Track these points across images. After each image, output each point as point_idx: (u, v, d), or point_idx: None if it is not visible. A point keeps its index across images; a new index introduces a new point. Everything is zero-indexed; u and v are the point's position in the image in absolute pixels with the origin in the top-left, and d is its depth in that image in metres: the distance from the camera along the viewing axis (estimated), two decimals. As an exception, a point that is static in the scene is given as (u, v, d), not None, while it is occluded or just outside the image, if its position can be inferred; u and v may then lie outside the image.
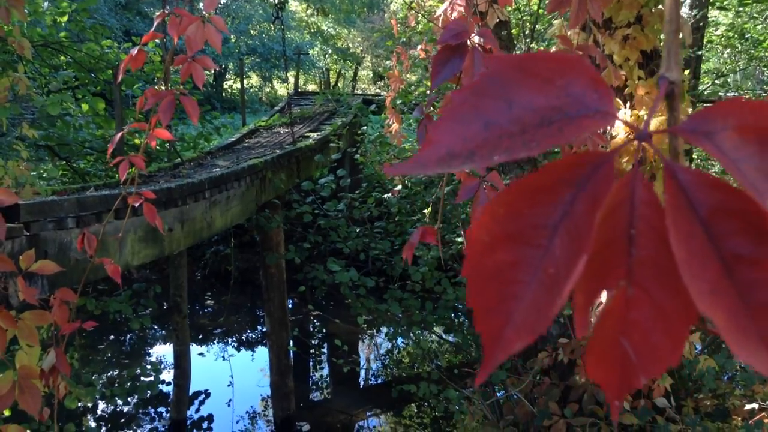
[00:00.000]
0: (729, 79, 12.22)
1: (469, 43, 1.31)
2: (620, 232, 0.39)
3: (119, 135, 1.98)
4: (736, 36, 11.28)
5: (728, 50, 12.10)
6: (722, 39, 11.49)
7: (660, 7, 3.34)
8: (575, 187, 0.38)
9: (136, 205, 2.12)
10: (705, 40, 9.85)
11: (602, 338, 0.40)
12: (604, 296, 0.40)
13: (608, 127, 3.10)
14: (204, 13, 1.82)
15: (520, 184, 0.39)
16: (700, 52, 8.81)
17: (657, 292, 0.38)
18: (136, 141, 8.79)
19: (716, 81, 11.61)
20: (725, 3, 9.91)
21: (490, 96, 0.41)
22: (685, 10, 8.01)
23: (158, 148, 9.24)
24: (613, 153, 0.40)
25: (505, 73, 0.42)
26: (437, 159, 0.40)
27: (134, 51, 1.82)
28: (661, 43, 3.51)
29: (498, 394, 5.20)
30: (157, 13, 1.84)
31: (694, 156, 7.74)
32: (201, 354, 10.06)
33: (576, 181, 0.39)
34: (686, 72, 3.93)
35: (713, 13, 11.12)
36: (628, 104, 3.35)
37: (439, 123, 0.41)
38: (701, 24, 8.50)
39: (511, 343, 0.38)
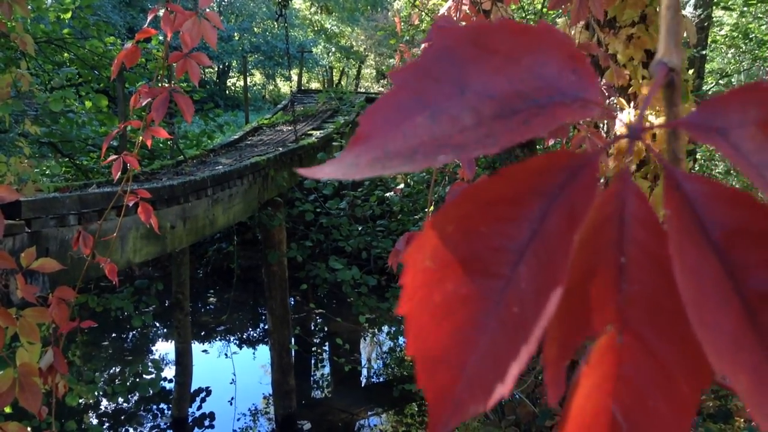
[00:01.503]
0: (733, 80, 12.18)
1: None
2: (607, 260, 0.30)
3: (113, 133, 1.97)
4: (740, 36, 11.25)
5: (732, 50, 12.07)
6: (726, 39, 11.46)
7: (664, 6, 3.32)
8: (547, 197, 0.30)
9: (130, 204, 2.11)
10: (709, 40, 9.83)
11: (584, 402, 0.30)
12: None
13: (613, 126, 3.08)
14: (206, 9, 1.81)
15: (475, 193, 0.30)
16: (704, 52, 8.80)
17: (656, 341, 0.29)
18: (139, 138, 8.78)
19: (720, 81, 11.58)
20: (729, 3, 9.88)
21: (437, 78, 0.32)
22: (689, 10, 7.98)
23: (161, 145, 9.24)
24: (597, 153, 0.31)
25: (456, 49, 0.33)
26: (372, 159, 0.30)
27: (128, 46, 1.81)
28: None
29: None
30: (153, 9, 1.83)
31: (698, 156, 7.72)
32: (204, 351, 10.06)
33: (548, 191, 0.30)
34: (690, 72, 3.91)
35: (717, 13, 11.09)
36: (632, 104, 3.34)
37: (373, 112, 0.32)
38: (705, 24, 8.48)
39: (463, 405, 0.29)
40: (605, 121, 3.00)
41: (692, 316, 0.27)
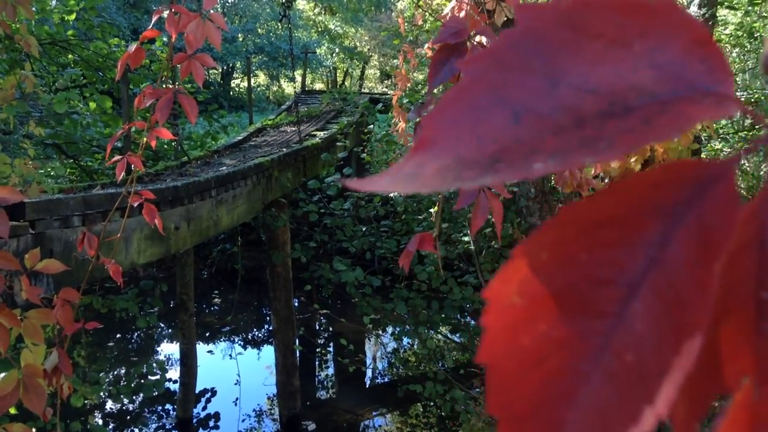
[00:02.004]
0: (738, 79, 12.15)
1: (468, 42, 1.28)
2: (744, 296, 0.24)
3: (118, 134, 1.97)
4: (745, 35, 11.22)
5: (737, 49, 12.03)
6: (731, 38, 11.43)
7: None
8: (669, 218, 0.24)
9: (135, 204, 2.11)
10: (714, 39, 9.78)
11: None
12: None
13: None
14: (210, 10, 1.81)
15: (579, 213, 0.25)
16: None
17: None
18: (143, 140, 8.78)
19: (725, 80, 11.50)
20: (734, 2, 9.85)
21: (521, 69, 0.26)
22: (694, 9, 7.97)
23: (165, 146, 9.25)
24: (733, 162, 0.25)
25: (545, 32, 0.26)
26: (439, 169, 0.24)
27: (132, 47, 1.81)
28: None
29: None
30: (157, 10, 1.83)
31: (703, 155, 7.69)
32: (210, 352, 10.08)
33: (671, 209, 0.24)
34: None
35: (722, 12, 11.07)
36: None
37: (440, 112, 0.26)
38: (710, 23, 8.46)
39: None
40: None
41: None
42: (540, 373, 0.24)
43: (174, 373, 8.73)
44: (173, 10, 1.76)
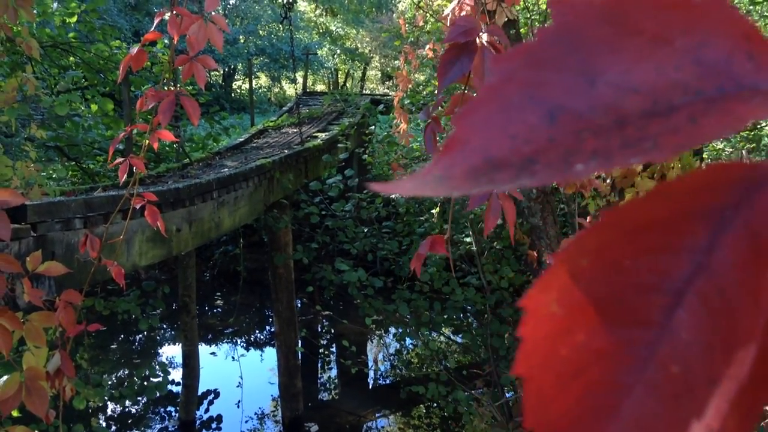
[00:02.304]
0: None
1: (478, 41, 1.27)
2: None
3: (120, 136, 1.97)
4: None
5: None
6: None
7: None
8: (718, 220, 0.23)
9: (138, 206, 2.11)
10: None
11: None
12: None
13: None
14: (212, 12, 1.81)
15: (621, 217, 0.24)
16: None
17: None
18: (145, 142, 8.79)
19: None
20: (735, 2, 9.84)
21: (556, 67, 0.25)
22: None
23: (167, 148, 9.26)
24: None
25: (583, 28, 0.25)
26: (469, 170, 0.23)
27: (134, 50, 1.81)
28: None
29: (507, 395, 5.17)
30: (159, 12, 1.83)
31: (705, 156, 7.68)
32: (213, 353, 10.08)
33: (719, 211, 0.23)
34: None
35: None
36: None
37: (471, 111, 0.25)
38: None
39: None
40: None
41: None
42: (579, 385, 0.23)
43: (176, 375, 8.74)
44: (175, 12, 1.76)
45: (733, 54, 0.24)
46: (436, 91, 9.64)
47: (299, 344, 7.94)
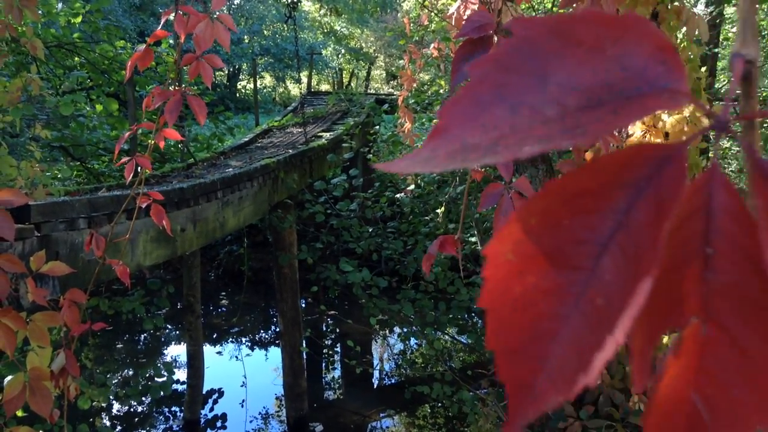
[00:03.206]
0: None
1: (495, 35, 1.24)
2: (692, 252, 0.30)
3: (126, 136, 1.97)
4: None
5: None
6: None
7: (676, 3, 3.29)
8: (633, 189, 0.30)
9: (143, 206, 2.11)
10: (721, 37, 9.76)
11: (667, 392, 0.30)
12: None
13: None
14: (216, 12, 1.80)
15: (560, 186, 0.31)
16: (716, 50, 8.73)
17: (741, 332, 0.29)
18: (150, 141, 8.81)
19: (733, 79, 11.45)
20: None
21: (517, 70, 0.32)
22: (701, 8, 7.94)
23: (172, 148, 9.27)
24: (685, 145, 0.31)
25: (537, 40, 0.32)
26: (449, 152, 0.31)
27: (141, 49, 1.80)
28: (677, 41, 3.46)
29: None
30: (165, 11, 1.82)
31: (711, 155, 7.65)
32: (219, 353, 10.09)
33: (634, 182, 0.30)
34: (703, 69, 3.88)
35: (729, 10, 11.01)
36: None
37: (452, 106, 0.32)
38: (717, 21, 8.42)
39: (544, 397, 0.29)
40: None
41: None
42: (529, 315, 0.30)
43: (181, 374, 8.75)
44: (182, 11, 1.75)
45: (649, 60, 0.32)
46: (440, 90, 9.63)
47: (304, 344, 7.94)
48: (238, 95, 26.26)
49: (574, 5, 1.81)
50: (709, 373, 0.29)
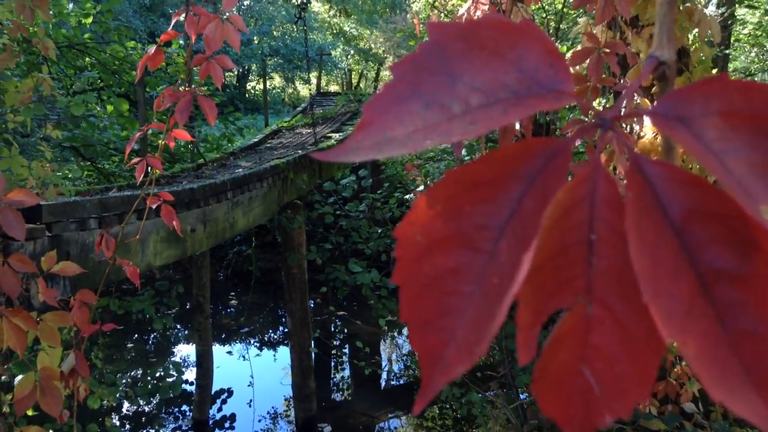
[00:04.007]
0: (757, 78, 12.02)
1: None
2: (578, 237, 0.32)
3: (136, 136, 1.97)
4: (764, 35, 11.11)
5: (756, 49, 11.91)
6: (750, 38, 11.31)
7: (688, 4, 3.28)
8: (525, 180, 0.33)
9: (154, 206, 2.11)
10: (732, 38, 9.71)
11: (557, 366, 0.33)
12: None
13: (635, 126, 3.05)
14: (225, 13, 1.80)
15: (462, 175, 0.33)
16: (727, 51, 8.68)
17: (622, 311, 0.32)
18: (161, 142, 8.83)
19: (744, 80, 11.39)
20: (753, 1, 9.75)
21: (431, 71, 0.35)
22: (712, 9, 7.89)
23: (182, 149, 9.29)
24: (570, 141, 0.34)
25: (448, 44, 0.35)
26: (372, 144, 0.34)
27: (152, 50, 1.81)
28: (689, 42, 3.44)
29: (522, 398, 5.14)
30: (176, 12, 1.82)
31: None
32: (229, 353, 10.11)
33: (526, 174, 0.33)
34: (714, 71, 3.86)
35: (741, 12, 10.95)
36: (654, 103, 3.29)
37: (376, 101, 0.35)
38: (729, 22, 8.38)
39: (452, 365, 0.32)
40: (629, 123, 2.97)
41: (644, 286, 0.29)
42: (437, 292, 0.33)
43: (190, 374, 8.77)
44: (193, 11, 1.75)
45: (539, 64, 0.35)
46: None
47: (312, 345, 7.94)
48: (247, 96, 26.30)
49: (589, 5, 1.80)
50: (597, 348, 0.32)
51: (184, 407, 8.29)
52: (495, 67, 0.35)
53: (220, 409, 8.28)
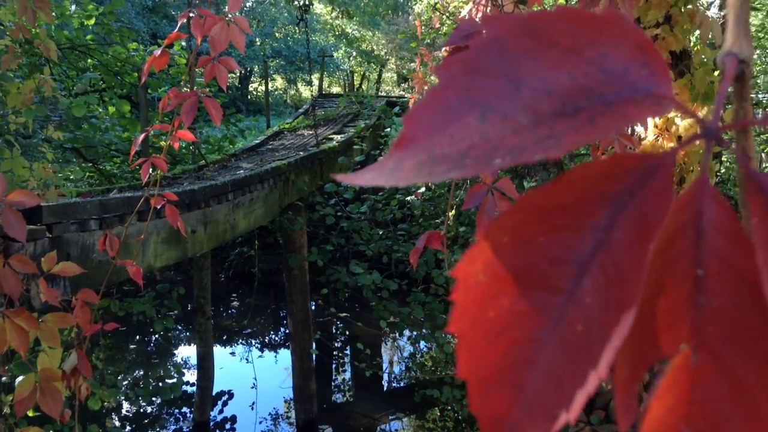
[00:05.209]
0: (759, 80, 12.02)
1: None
2: (682, 273, 0.27)
3: (141, 137, 1.97)
4: (766, 36, 11.11)
5: (759, 51, 11.91)
6: (752, 40, 11.31)
7: (690, 6, 3.28)
8: (615, 204, 0.27)
9: (158, 206, 2.11)
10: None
11: (656, 428, 0.27)
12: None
13: (636, 128, 3.04)
14: (229, 14, 1.81)
15: (534, 200, 0.28)
16: (729, 54, 8.65)
17: (736, 361, 0.26)
18: (162, 143, 8.84)
19: (746, 83, 11.41)
20: (756, 3, 9.75)
21: (488, 73, 0.29)
22: (714, 11, 7.89)
23: (183, 150, 9.29)
24: (671, 155, 0.28)
25: (509, 40, 0.30)
26: (416, 165, 0.28)
27: (157, 52, 1.81)
28: (691, 44, 3.44)
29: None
30: (181, 14, 1.83)
31: (724, 158, 7.61)
32: (232, 353, 10.11)
33: (616, 196, 0.27)
34: (716, 73, 3.86)
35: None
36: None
37: (418, 113, 0.29)
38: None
39: (520, 430, 0.27)
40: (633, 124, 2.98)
41: None
42: (503, 341, 0.28)
43: (191, 376, 8.76)
44: (199, 13, 1.76)
45: (630, 63, 0.29)
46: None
47: (314, 346, 7.94)
48: (249, 97, 26.32)
49: (592, 8, 1.80)
50: (702, 406, 0.27)
51: (185, 409, 8.28)
52: (571, 67, 0.29)
53: (221, 411, 8.28)
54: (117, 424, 7.78)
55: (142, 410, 8.22)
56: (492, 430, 0.27)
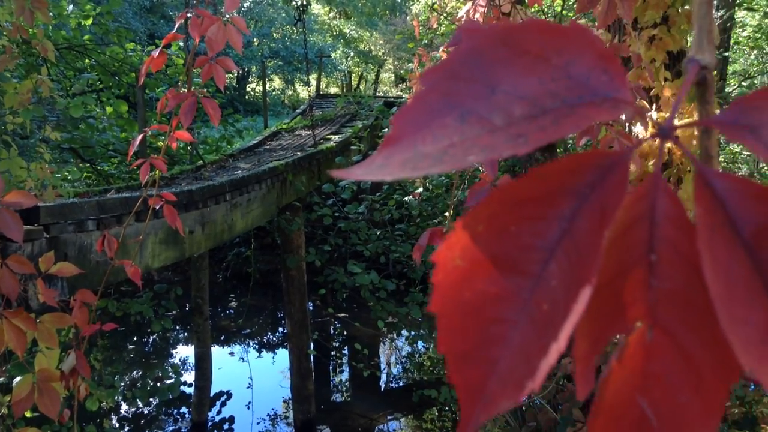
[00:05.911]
0: (756, 81, 12.03)
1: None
2: (637, 258, 0.30)
3: (140, 137, 1.97)
4: (763, 37, 11.12)
5: (755, 52, 11.92)
6: (749, 40, 11.33)
7: (686, 7, 3.28)
8: (577, 197, 0.30)
9: (157, 207, 2.11)
10: (732, 41, 9.72)
11: (613, 397, 0.30)
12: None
13: (635, 127, 3.04)
14: (226, 14, 1.81)
15: (506, 193, 0.31)
16: (726, 54, 8.70)
17: (686, 337, 0.29)
18: (160, 143, 8.83)
19: (743, 83, 11.45)
20: (753, 4, 9.76)
21: (466, 79, 0.32)
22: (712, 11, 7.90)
23: (181, 150, 9.29)
24: (628, 153, 0.31)
25: (485, 49, 0.32)
26: (403, 161, 0.30)
27: (155, 52, 1.81)
28: (688, 44, 3.45)
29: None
30: (179, 15, 1.82)
31: (721, 159, 7.62)
32: (231, 353, 10.10)
33: (579, 190, 0.30)
34: (713, 73, 3.88)
35: (740, 14, 10.96)
36: (654, 106, 3.30)
37: (404, 114, 0.32)
38: (728, 25, 8.40)
39: (494, 400, 0.29)
40: (630, 123, 2.98)
41: (721, 311, 0.27)
42: (478, 320, 0.30)
43: (189, 376, 8.76)
44: (196, 13, 1.76)
45: (592, 70, 0.32)
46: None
47: (311, 347, 7.94)
48: (247, 98, 26.30)
49: (593, 8, 1.80)
50: (656, 378, 0.29)
51: (183, 409, 8.28)
52: (540, 73, 0.32)
53: (219, 412, 8.28)
54: (115, 424, 7.78)
55: (139, 411, 8.22)
56: (469, 400, 0.30)
